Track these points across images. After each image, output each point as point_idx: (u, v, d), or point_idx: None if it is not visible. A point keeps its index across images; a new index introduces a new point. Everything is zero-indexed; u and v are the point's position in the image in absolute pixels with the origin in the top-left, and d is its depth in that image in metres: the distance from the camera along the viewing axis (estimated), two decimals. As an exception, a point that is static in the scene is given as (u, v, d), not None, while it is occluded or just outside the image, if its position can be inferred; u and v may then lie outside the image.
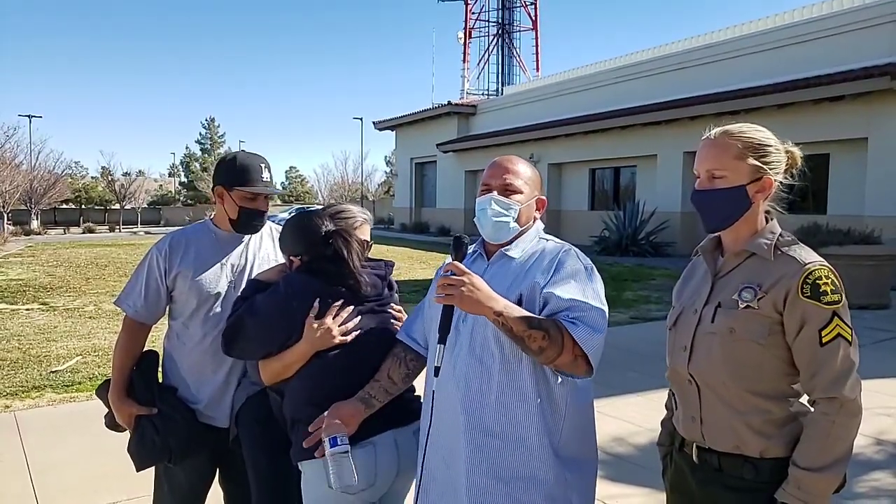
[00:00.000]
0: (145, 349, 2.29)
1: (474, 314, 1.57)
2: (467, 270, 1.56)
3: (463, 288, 1.52)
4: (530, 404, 1.60)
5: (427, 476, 1.72)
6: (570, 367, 1.56)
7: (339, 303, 1.86)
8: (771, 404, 1.47)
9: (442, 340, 1.59)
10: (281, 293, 1.86)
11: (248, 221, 2.23)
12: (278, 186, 2.36)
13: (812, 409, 1.45)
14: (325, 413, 1.74)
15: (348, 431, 1.71)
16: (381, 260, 2.01)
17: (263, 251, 2.31)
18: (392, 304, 2.01)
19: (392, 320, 1.97)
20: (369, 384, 1.82)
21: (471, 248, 1.80)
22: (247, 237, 2.29)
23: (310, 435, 1.77)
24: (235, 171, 2.20)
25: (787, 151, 1.55)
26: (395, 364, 1.83)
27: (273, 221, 2.47)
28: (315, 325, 1.82)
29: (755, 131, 1.53)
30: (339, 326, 1.84)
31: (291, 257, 1.98)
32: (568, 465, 1.64)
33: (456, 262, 1.58)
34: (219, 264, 2.23)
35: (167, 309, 2.29)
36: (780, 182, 1.54)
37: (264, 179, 2.20)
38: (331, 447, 1.66)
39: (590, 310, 1.57)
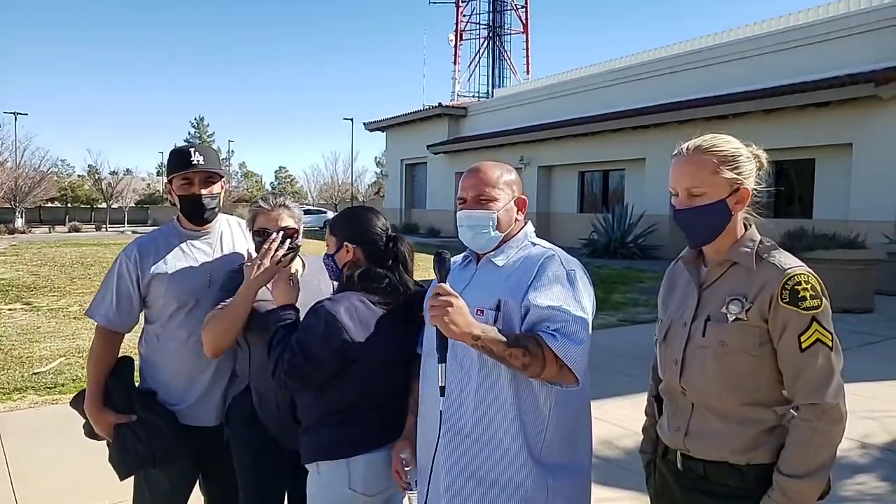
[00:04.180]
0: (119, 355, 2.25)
1: (454, 339, 1.54)
2: (453, 292, 1.53)
3: (450, 308, 1.49)
4: (508, 409, 1.60)
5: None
6: (558, 378, 1.56)
7: (274, 238, 2.03)
8: (767, 413, 1.47)
9: (442, 360, 1.58)
10: (321, 332, 1.78)
11: (192, 209, 2.19)
12: (220, 169, 2.25)
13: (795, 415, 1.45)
14: (402, 456, 1.82)
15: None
16: None
17: (237, 245, 2.29)
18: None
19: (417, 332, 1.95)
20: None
21: (459, 257, 1.81)
22: (214, 232, 2.27)
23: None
24: (170, 162, 2.20)
25: (754, 155, 1.56)
26: None
27: None
28: (252, 267, 1.97)
29: (725, 143, 1.53)
30: (271, 258, 1.98)
31: (347, 243, 1.94)
32: (551, 470, 1.62)
33: (442, 285, 1.55)
34: (192, 262, 2.20)
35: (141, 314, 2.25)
36: (755, 189, 1.55)
37: (194, 162, 2.15)
38: (413, 489, 1.82)
39: (569, 320, 1.55)
